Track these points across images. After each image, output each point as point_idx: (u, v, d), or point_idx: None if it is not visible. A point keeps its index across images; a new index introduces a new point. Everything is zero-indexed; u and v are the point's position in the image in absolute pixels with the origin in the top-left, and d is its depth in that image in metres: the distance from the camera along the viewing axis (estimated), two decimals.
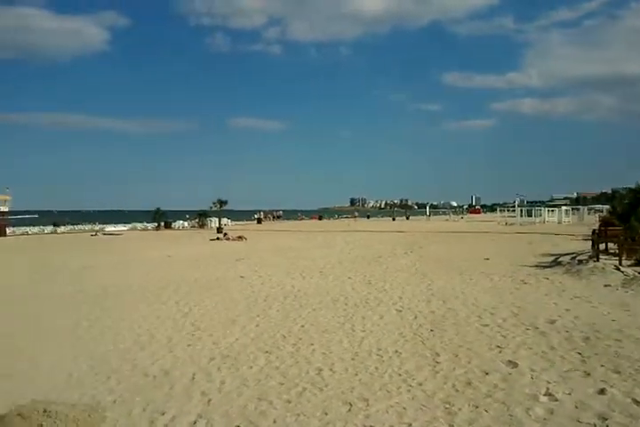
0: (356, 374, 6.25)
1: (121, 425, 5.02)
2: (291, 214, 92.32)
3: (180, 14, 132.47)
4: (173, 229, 49.69)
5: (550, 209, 56.66)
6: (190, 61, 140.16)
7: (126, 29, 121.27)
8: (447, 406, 5.25)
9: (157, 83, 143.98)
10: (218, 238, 32.32)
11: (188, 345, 7.76)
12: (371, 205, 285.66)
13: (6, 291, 13.11)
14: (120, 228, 48.51)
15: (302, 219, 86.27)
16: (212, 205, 45.47)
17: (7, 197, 43.43)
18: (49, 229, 46.42)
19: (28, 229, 44.76)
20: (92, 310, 10.41)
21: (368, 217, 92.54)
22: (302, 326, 8.71)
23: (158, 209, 49.41)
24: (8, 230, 41.17)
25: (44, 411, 5.06)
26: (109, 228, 45.63)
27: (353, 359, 6.84)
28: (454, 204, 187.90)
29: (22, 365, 6.94)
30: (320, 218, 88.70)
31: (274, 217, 78.16)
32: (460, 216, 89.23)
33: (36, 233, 43.95)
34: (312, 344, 7.61)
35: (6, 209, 43.20)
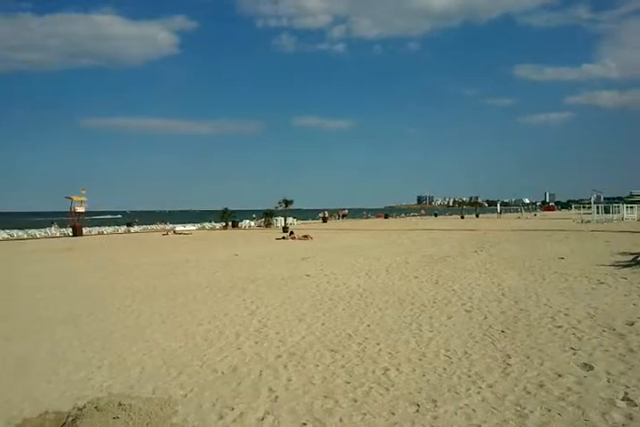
0: (424, 375, 6.20)
1: (191, 419, 5.20)
2: (356, 213, 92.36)
3: (247, 16, 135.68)
4: (240, 228, 50.76)
5: (629, 206, 54.05)
6: (257, 62, 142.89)
7: (194, 32, 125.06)
8: (518, 408, 5.13)
9: (225, 84, 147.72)
10: (284, 238, 32.74)
11: (256, 342, 7.92)
12: (438, 202, 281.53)
13: (86, 287, 13.79)
14: (189, 227, 50.01)
15: (368, 217, 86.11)
16: (277, 204, 46.10)
17: (83, 199, 45.62)
18: (122, 229, 48.38)
19: (103, 229, 46.81)
20: (165, 307, 10.79)
21: (435, 215, 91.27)
22: (368, 326, 8.71)
23: (226, 209, 50.61)
24: (84, 230, 43.18)
25: (120, 404, 5.32)
26: (179, 227, 47.08)
27: (420, 360, 6.79)
28: (527, 201, 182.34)
29: (102, 359, 7.29)
30: (386, 216, 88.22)
31: (339, 216, 78.37)
32: (533, 214, 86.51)
33: (111, 233, 45.91)
34: (378, 344, 7.60)
35: (83, 210, 45.36)
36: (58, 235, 42.00)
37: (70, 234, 41.32)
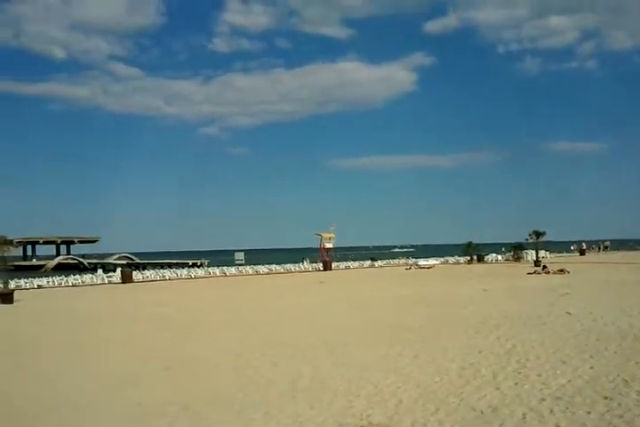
0: None
1: None
2: (620, 244, 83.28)
3: (487, 44, 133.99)
4: (486, 262, 49.35)
5: None
6: (496, 89, 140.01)
7: (432, 67, 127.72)
8: None
9: (463, 115, 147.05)
10: (536, 272, 30.97)
11: (515, 383, 7.58)
12: None
13: (338, 318, 14.70)
14: (432, 262, 50.23)
15: (638, 249, 76.98)
16: (527, 236, 43.94)
17: (332, 235, 48.96)
18: (367, 263, 50.60)
19: (349, 264, 49.54)
20: (414, 341, 10.96)
21: None
22: None
23: (470, 242, 49.74)
24: (333, 265, 46.09)
25: None
26: (422, 262, 47.57)
27: None
28: None
29: (359, 388, 7.68)
30: None
31: (600, 248, 71.53)
32: None
33: (357, 267, 48.34)
34: None
35: (331, 246, 48.66)
36: (310, 269, 45.53)
37: (321, 268, 44.50)
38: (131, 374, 9.34)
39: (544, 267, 32.22)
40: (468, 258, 49.65)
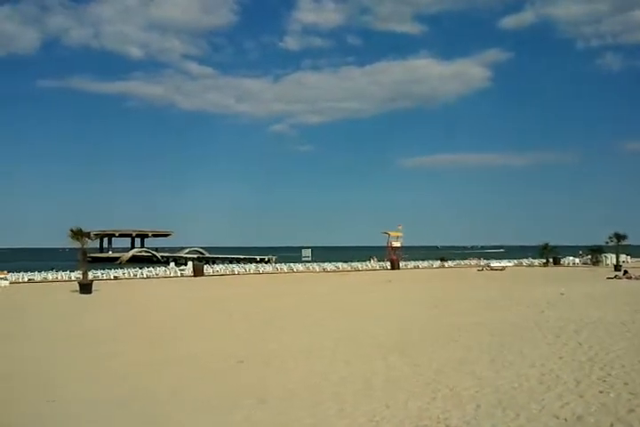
0: None
1: None
2: None
3: (565, 40, 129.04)
4: (562, 265, 47.73)
5: None
6: (575, 86, 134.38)
7: (508, 64, 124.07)
8: None
9: (540, 112, 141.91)
10: (616, 277, 29.69)
11: (600, 392, 7.29)
12: None
13: (411, 316, 14.60)
14: (505, 263, 49.02)
15: None
16: (607, 239, 42.17)
17: (400, 234, 48.67)
18: (436, 263, 49.95)
19: (418, 263, 49.06)
20: (490, 345, 10.74)
21: None
22: None
23: (546, 244, 48.18)
24: (401, 264, 45.75)
25: None
26: (495, 263, 46.52)
27: None
28: None
29: (435, 390, 7.60)
30: None
31: None
32: None
33: (426, 267, 47.81)
34: None
35: (399, 244, 48.35)
36: (377, 268, 45.42)
37: (388, 267, 44.29)
38: (204, 366, 9.60)
39: (625, 272, 30.87)
40: (544, 260, 48.16)
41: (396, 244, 48.26)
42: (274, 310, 17.86)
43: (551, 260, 48.24)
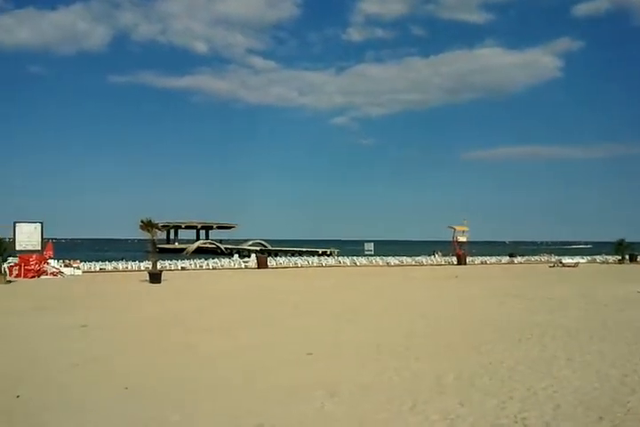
0: None
1: None
2: None
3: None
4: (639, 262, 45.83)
5: None
6: None
7: (580, 53, 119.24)
8: None
9: (612, 104, 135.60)
10: None
11: None
12: None
13: (486, 314, 14.36)
14: (577, 259, 47.46)
15: None
16: None
17: (466, 228, 47.85)
18: (505, 259, 48.86)
19: (486, 258, 48.14)
20: (568, 343, 10.45)
21: None
22: None
23: (622, 240, 46.27)
24: (467, 259, 44.98)
25: None
26: (566, 259, 45.08)
27: None
28: None
29: (511, 389, 7.45)
30: None
31: None
32: None
33: (494, 263, 46.84)
34: None
35: (465, 239, 47.56)
36: (442, 263, 44.83)
37: (454, 262, 43.64)
38: (272, 356, 9.74)
39: None
40: (619, 257, 46.32)
41: (462, 238, 47.49)
42: (340, 302, 17.91)
43: (627, 257, 46.37)
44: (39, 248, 30.55)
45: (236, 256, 47.17)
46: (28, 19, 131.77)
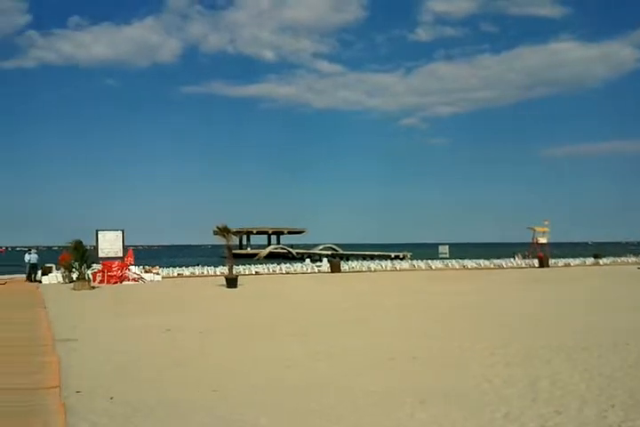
0: None
1: None
2: None
3: None
4: None
5: None
6: None
7: None
8: None
9: None
10: None
11: None
12: None
13: (587, 322, 13.88)
14: None
15: None
16: None
17: (546, 229, 46.38)
18: (590, 260, 47.02)
19: (569, 260, 46.48)
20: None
21: None
22: None
23: None
24: (550, 262, 43.54)
25: None
26: None
27: None
28: None
29: (611, 397, 7.17)
30: None
31: None
32: None
33: (578, 265, 45.18)
34: None
35: (545, 241, 46.10)
36: (523, 265, 43.57)
37: (535, 265, 42.34)
38: (358, 361, 9.75)
39: None
40: None
41: (543, 240, 46.12)
42: (421, 308, 17.75)
43: None
44: (121, 255, 31.89)
45: (307, 260, 47.47)
46: (104, 34, 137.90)
